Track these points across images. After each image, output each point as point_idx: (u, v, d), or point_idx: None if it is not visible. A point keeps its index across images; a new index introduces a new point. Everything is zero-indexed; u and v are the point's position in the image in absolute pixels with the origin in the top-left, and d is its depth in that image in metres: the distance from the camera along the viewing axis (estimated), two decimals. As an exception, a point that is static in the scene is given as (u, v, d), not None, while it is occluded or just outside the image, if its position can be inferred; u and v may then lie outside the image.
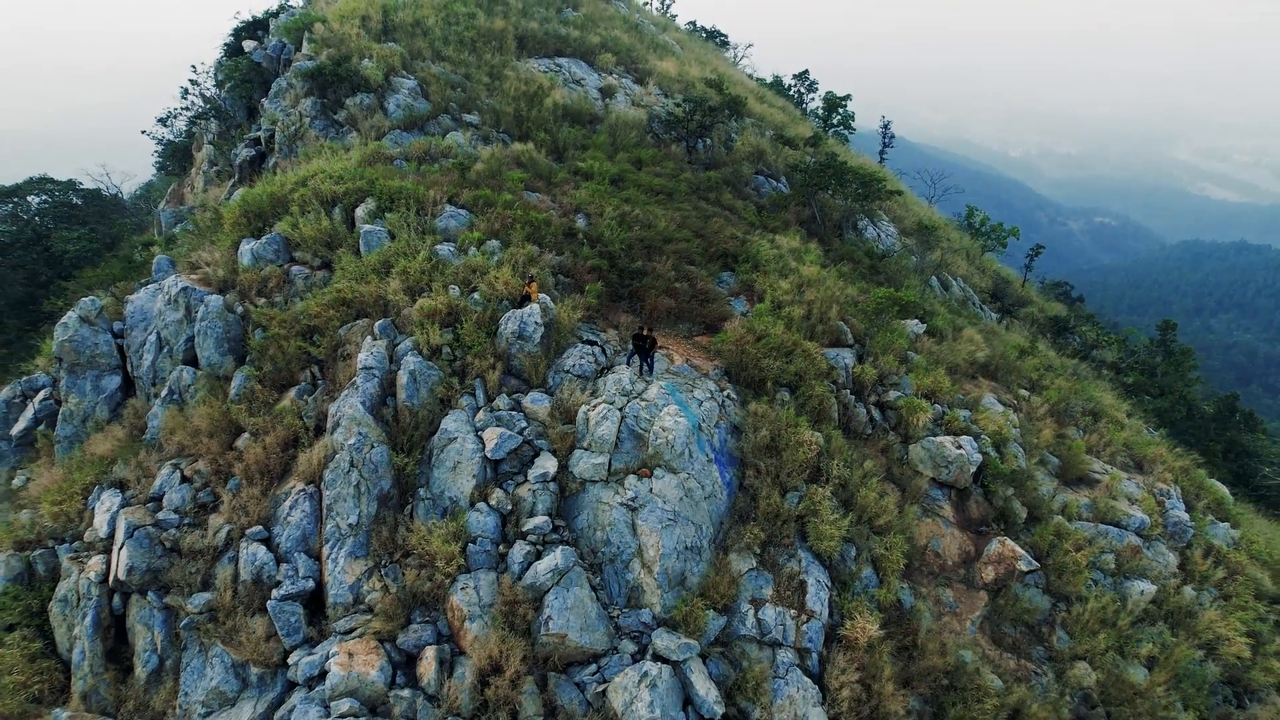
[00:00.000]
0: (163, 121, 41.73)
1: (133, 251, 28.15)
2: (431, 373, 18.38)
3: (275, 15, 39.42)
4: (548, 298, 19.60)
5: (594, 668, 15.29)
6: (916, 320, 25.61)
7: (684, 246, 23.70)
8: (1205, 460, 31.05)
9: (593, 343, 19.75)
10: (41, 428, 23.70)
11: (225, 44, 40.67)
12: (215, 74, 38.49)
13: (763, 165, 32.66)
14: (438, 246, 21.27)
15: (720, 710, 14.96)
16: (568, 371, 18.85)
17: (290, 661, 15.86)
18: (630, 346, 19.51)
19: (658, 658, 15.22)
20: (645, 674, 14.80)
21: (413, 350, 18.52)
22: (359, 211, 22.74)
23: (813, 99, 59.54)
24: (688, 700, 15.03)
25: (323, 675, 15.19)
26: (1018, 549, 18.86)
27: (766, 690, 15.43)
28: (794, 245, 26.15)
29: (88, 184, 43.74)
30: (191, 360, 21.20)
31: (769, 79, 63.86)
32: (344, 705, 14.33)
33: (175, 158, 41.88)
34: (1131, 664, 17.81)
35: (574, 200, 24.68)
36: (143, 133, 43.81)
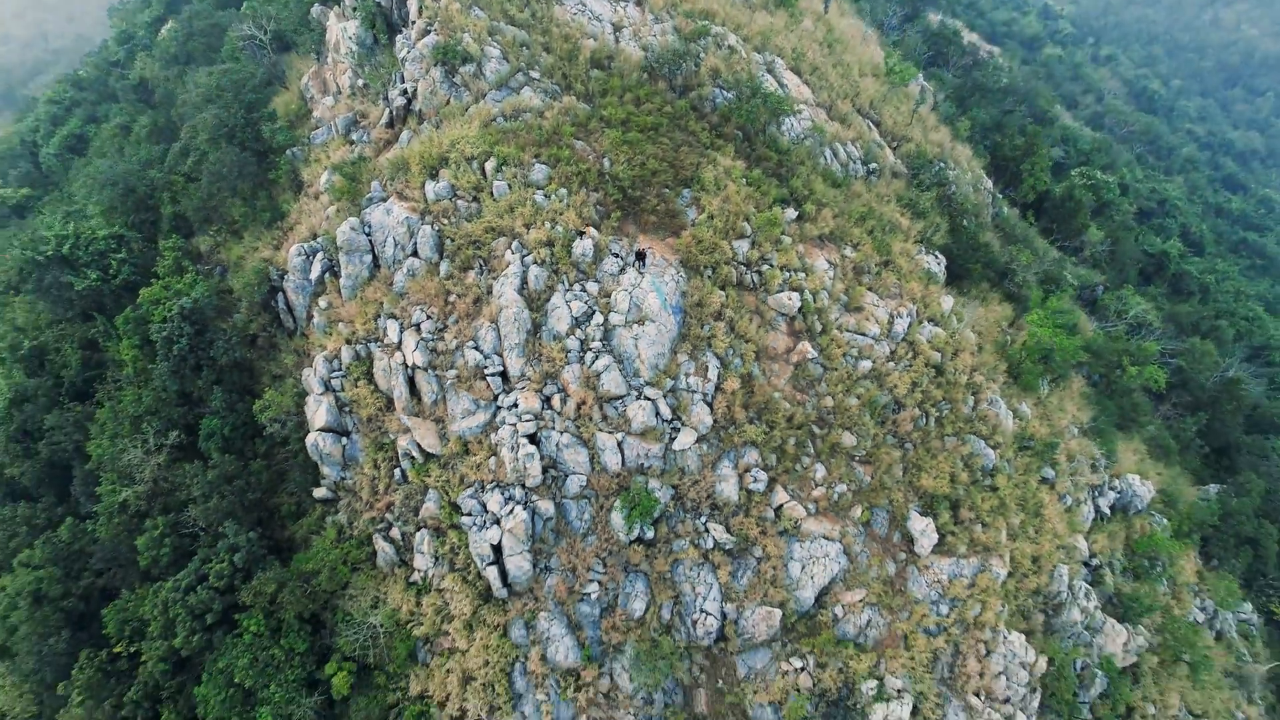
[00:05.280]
0: None
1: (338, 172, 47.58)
2: (543, 272, 40.60)
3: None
4: (596, 232, 41.21)
5: (620, 402, 39.60)
6: (792, 209, 46.88)
7: (663, 178, 44.30)
8: (971, 274, 53.65)
9: (617, 255, 41.68)
10: (327, 275, 46.02)
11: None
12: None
13: (720, 80, 50.81)
14: (535, 195, 42.21)
15: (670, 415, 39.55)
16: (605, 271, 41.11)
17: (498, 398, 40.16)
18: (634, 255, 41.45)
19: (646, 398, 39.48)
20: (640, 403, 39.14)
21: (534, 262, 40.63)
22: (488, 166, 43.14)
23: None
24: (657, 414, 39.54)
25: (514, 405, 39.51)
26: (809, 346, 42.43)
27: (688, 409, 39.82)
28: (727, 164, 46.36)
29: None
30: (414, 253, 43.08)
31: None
32: (528, 415, 38.83)
33: (312, 33, 58.10)
34: (850, 397, 42.32)
35: (601, 147, 44.59)
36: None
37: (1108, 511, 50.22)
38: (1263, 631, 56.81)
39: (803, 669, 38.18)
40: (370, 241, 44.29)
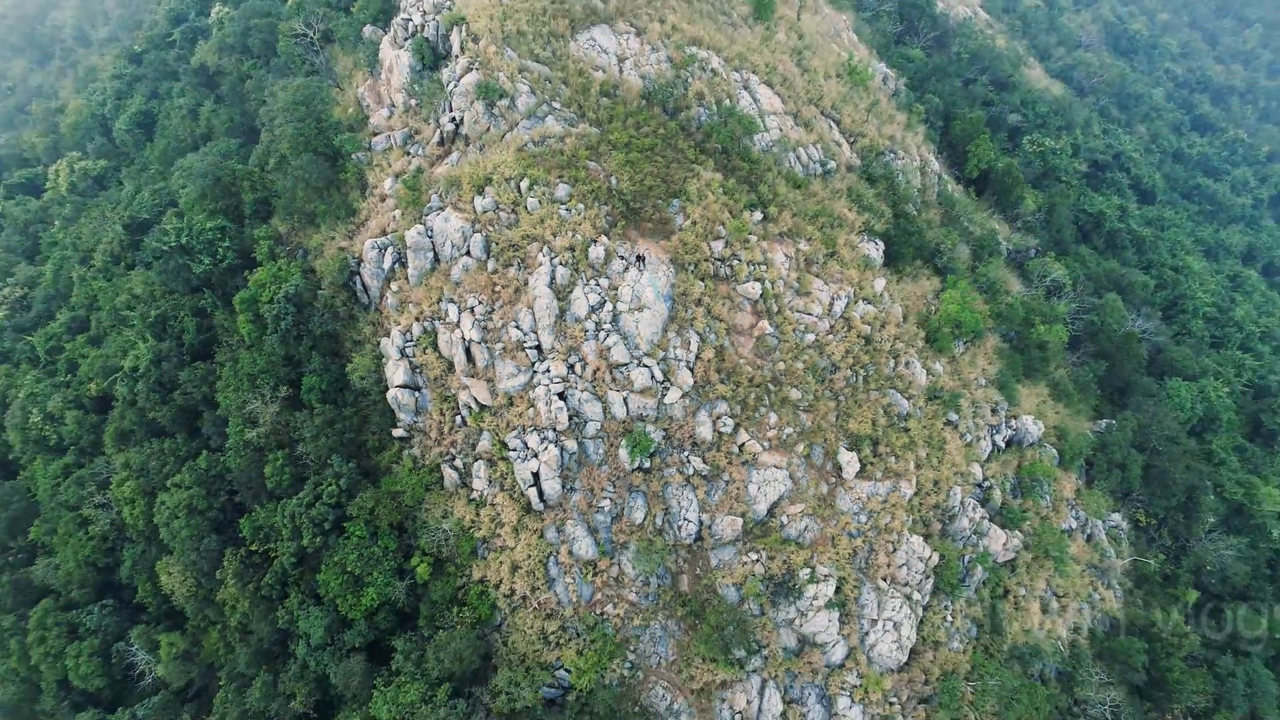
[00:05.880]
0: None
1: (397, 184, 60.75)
2: (566, 271, 54.39)
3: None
4: (606, 239, 54.81)
5: (625, 368, 53.96)
6: (758, 212, 60.25)
7: (658, 191, 57.50)
8: (905, 255, 67.14)
9: (622, 257, 55.39)
10: (396, 265, 59.63)
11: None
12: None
13: (704, 102, 63.20)
14: (559, 209, 55.60)
15: (662, 378, 54.09)
16: (614, 270, 54.87)
17: (534, 365, 54.50)
18: (635, 257, 55.16)
19: (644, 365, 53.91)
20: (640, 369, 53.53)
21: (559, 263, 54.41)
22: (522, 185, 56.31)
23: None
24: (653, 377, 54.00)
25: (547, 370, 53.82)
26: (767, 324, 56.51)
27: (675, 372, 54.22)
28: (707, 178, 59.38)
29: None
30: (467, 253, 56.71)
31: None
32: (557, 378, 53.31)
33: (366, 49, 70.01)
34: (798, 362, 56.71)
35: (609, 167, 57.62)
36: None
37: (1003, 445, 65.24)
38: (1130, 535, 72.62)
39: (757, 560, 53.73)
40: (432, 242, 57.87)
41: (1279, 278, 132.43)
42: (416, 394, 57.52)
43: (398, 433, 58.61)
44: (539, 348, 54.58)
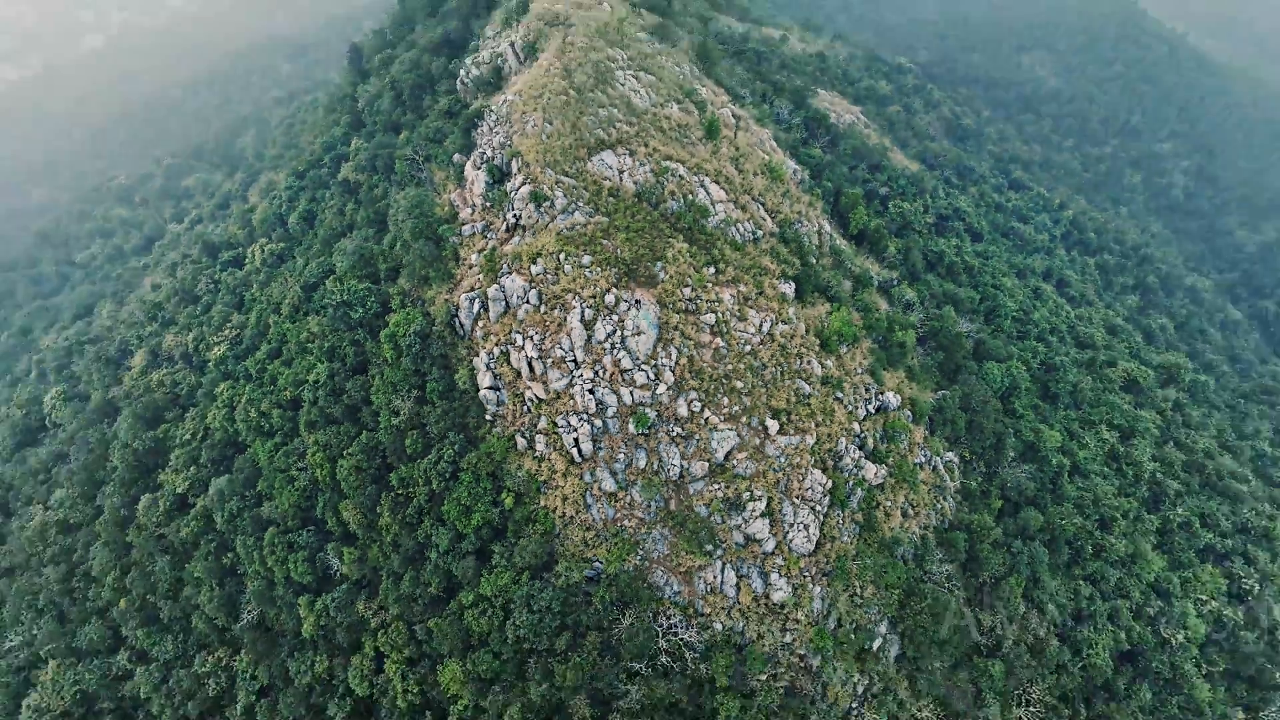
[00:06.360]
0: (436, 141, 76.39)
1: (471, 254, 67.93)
2: (591, 311, 61.42)
3: (479, 115, 72.05)
4: (616, 290, 61.84)
5: (631, 372, 60.99)
6: (712, 268, 67.25)
7: (647, 257, 64.49)
8: (807, 290, 74.14)
9: (626, 302, 62.40)
10: (480, 311, 66.55)
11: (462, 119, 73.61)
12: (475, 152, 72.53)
13: (674, 197, 70.12)
14: (585, 272, 62.62)
15: (654, 378, 61.22)
16: (621, 310, 61.86)
17: (573, 372, 61.66)
18: (634, 301, 62.17)
19: (642, 370, 60.97)
20: (640, 373, 60.62)
21: (586, 307, 61.48)
22: (560, 257, 63.40)
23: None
24: (649, 378, 61.14)
25: (581, 375, 60.99)
26: (720, 341, 63.52)
27: (663, 374, 61.29)
28: (679, 248, 66.36)
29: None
30: (527, 301, 63.69)
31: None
32: (588, 380, 60.54)
33: (453, 167, 77.13)
34: (741, 364, 63.73)
35: (615, 243, 64.60)
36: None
37: (873, 410, 72.30)
38: (959, 466, 79.75)
39: (718, 489, 60.88)
40: (504, 295, 64.94)
41: (1068, 289, 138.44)
42: (497, 392, 64.63)
43: (487, 417, 65.68)
44: (575, 361, 61.65)
